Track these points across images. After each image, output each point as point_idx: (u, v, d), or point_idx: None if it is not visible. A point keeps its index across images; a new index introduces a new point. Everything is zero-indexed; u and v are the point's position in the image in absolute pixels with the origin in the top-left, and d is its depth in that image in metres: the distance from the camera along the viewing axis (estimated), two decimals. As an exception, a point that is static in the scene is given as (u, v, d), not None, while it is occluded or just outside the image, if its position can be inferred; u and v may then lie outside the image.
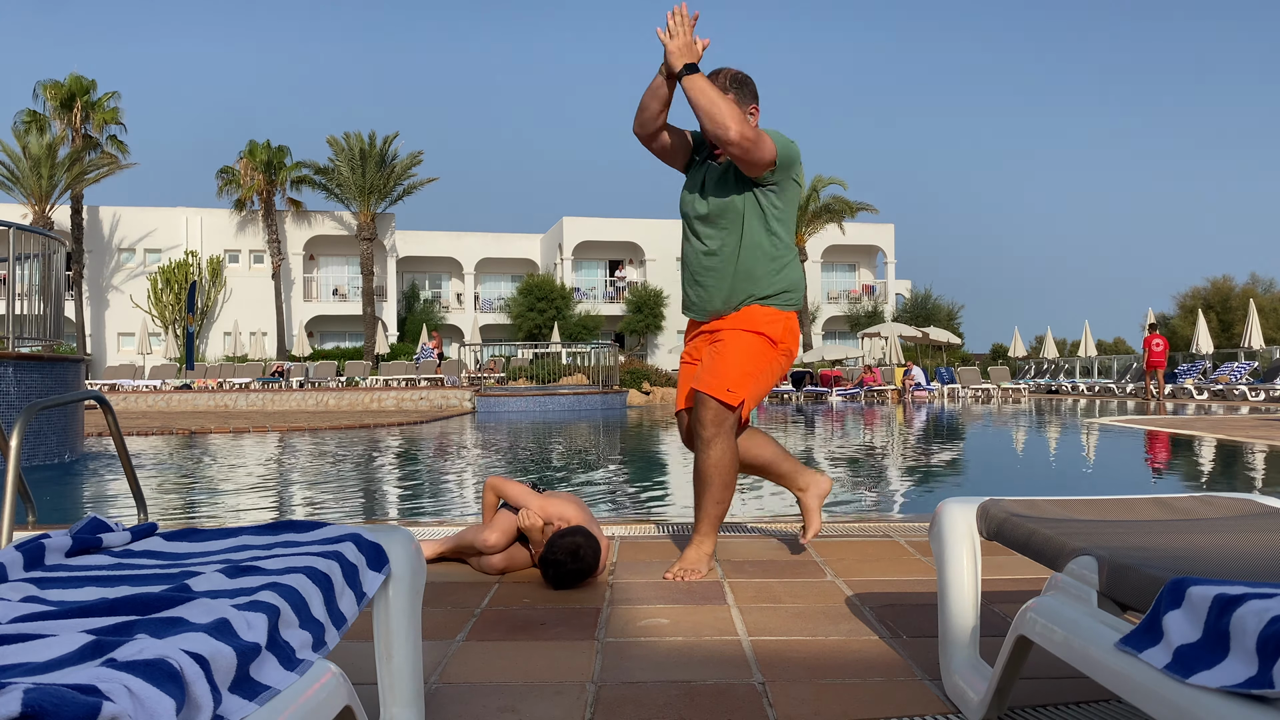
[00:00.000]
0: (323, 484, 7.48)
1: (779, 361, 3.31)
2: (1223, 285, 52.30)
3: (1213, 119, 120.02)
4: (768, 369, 3.27)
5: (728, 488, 3.23)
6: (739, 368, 3.20)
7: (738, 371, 3.19)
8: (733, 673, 2.18)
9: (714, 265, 3.29)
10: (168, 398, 23.40)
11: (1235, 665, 1.11)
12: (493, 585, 3.12)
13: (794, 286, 3.32)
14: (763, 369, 3.25)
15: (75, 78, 36.16)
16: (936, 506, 2.05)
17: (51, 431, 9.12)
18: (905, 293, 48.82)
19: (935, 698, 2.02)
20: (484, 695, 2.06)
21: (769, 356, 3.26)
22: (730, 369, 3.19)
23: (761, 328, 3.25)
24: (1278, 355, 25.02)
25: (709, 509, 3.24)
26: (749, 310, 3.27)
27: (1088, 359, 32.11)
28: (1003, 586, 2.98)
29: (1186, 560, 1.51)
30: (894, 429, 14.14)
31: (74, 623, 1.10)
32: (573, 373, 25.36)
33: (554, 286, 42.42)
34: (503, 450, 10.72)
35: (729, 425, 3.19)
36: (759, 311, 3.27)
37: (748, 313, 3.27)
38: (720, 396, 3.15)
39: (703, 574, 3.17)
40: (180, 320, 38.04)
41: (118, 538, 1.60)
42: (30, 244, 9.71)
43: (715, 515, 3.26)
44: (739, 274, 3.25)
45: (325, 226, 42.33)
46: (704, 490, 3.23)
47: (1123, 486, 7.06)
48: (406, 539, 1.64)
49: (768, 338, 3.25)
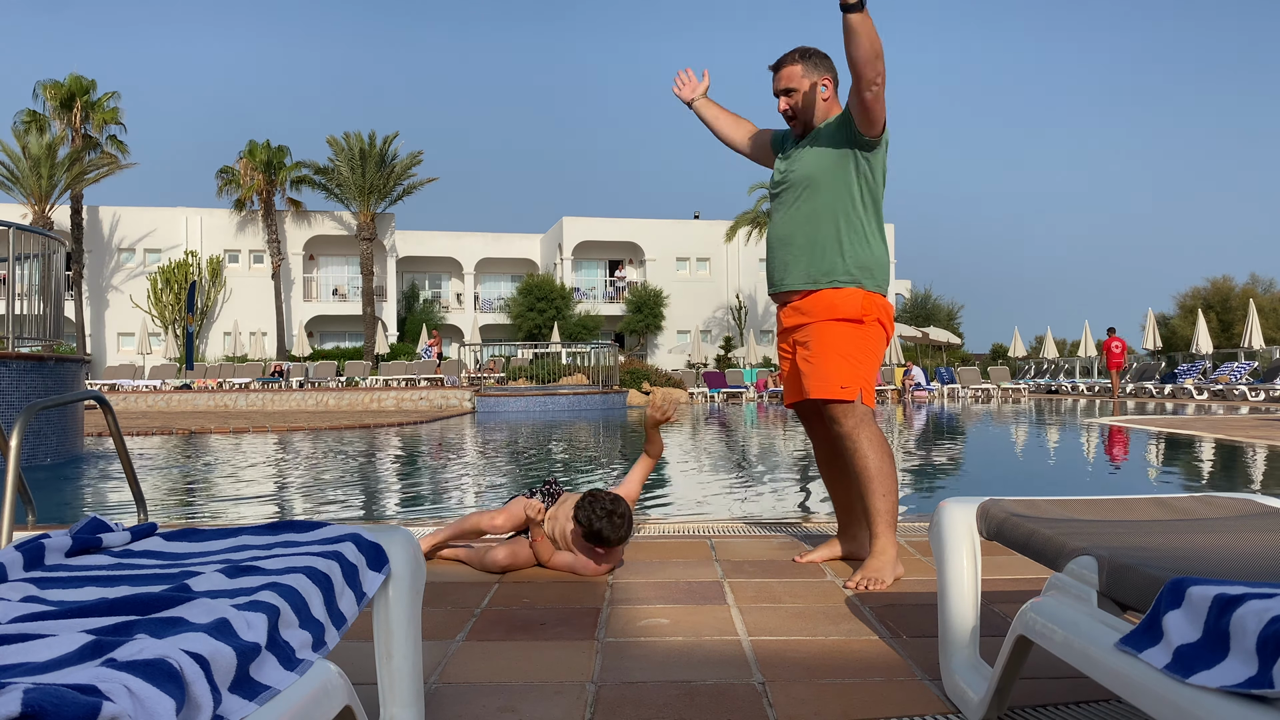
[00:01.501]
0: (323, 484, 7.47)
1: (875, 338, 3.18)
2: (1223, 285, 52.29)
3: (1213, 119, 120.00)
4: (866, 349, 3.16)
5: (889, 477, 3.09)
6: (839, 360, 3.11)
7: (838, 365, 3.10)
8: (733, 673, 2.18)
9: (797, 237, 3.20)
10: (168, 398, 23.39)
11: (1235, 665, 1.11)
12: (493, 585, 3.12)
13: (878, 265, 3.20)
14: (863, 350, 3.14)
15: (75, 78, 36.15)
16: (936, 506, 2.05)
17: (51, 431, 9.12)
18: (905, 293, 48.81)
19: (935, 698, 2.02)
20: (484, 695, 2.06)
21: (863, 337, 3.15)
22: (831, 366, 3.10)
23: (843, 314, 3.14)
24: (1278, 355, 25.02)
25: (877, 507, 3.09)
26: (827, 295, 3.16)
27: (1088, 359, 32.11)
28: (1003, 586, 2.98)
29: (1186, 560, 1.51)
30: (894, 429, 14.13)
31: (74, 623, 1.10)
32: (573, 373, 25.36)
33: (554, 286, 42.40)
34: (502, 450, 10.71)
35: (862, 416, 3.10)
36: (837, 297, 3.15)
37: (828, 298, 3.16)
38: (837, 396, 3.08)
39: (888, 583, 3.00)
40: (180, 320, 38.02)
41: (118, 538, 1.60)
42: (30, 244, 9.71)
43: (885, 511, 3.09)
44: (819, 247, 3.15)
45: (325, 226, 42.32)
46: (866, 490, 3.10)
47: (1122, 486, 7.06)
48: (406, 539, 1.64)
49: (850, 321, 3.14)
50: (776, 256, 3.27)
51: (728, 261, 44.66)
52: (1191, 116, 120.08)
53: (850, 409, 3.09)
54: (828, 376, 3.10)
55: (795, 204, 3.21)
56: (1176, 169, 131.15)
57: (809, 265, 3.17)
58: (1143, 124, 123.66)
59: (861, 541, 3.33)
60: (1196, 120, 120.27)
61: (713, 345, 43.98)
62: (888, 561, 3.05)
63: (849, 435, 3.09)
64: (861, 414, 3.10)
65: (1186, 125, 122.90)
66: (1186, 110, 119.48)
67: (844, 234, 3.15)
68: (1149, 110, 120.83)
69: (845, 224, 3.15)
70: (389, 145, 39.22)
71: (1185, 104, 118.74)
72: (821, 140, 3.19)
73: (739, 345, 41.96)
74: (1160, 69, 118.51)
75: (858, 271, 3.15)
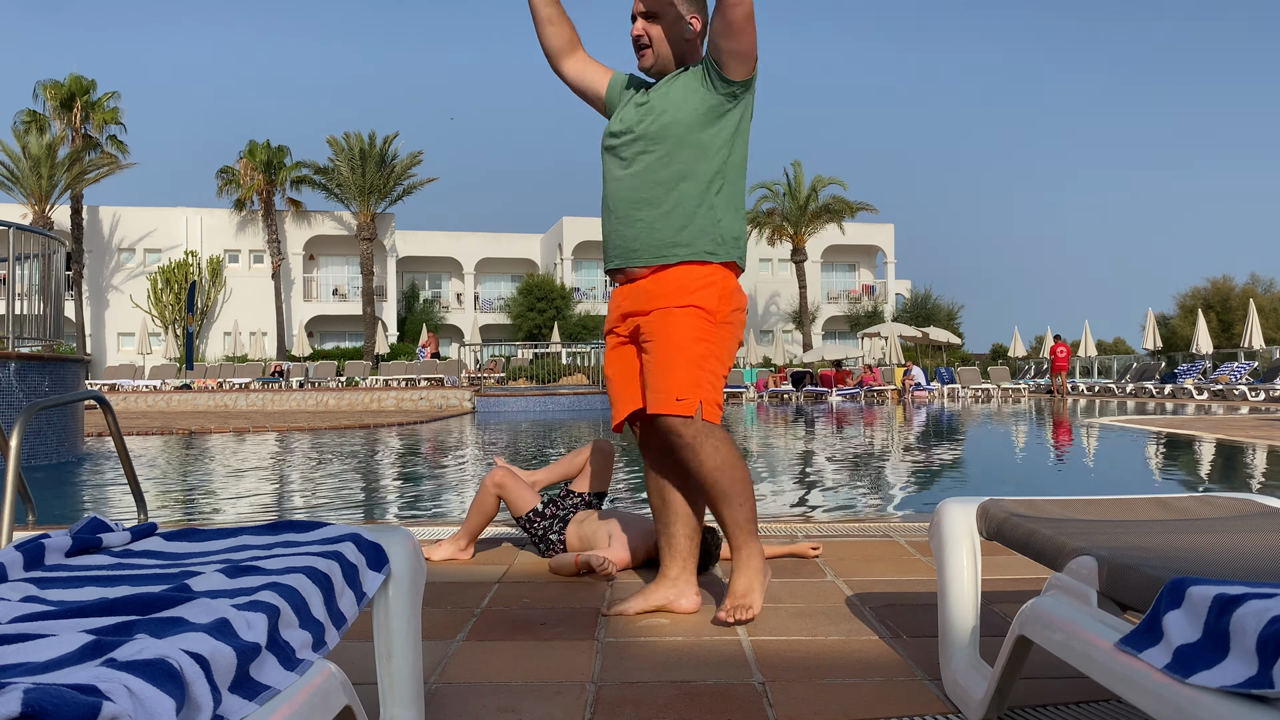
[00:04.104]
0: (323, 484, 7.47)
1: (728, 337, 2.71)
2: (1223, 285, 52.29)
3: (1213, 119, 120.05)
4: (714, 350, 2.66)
5: (742, 483, 2.63)
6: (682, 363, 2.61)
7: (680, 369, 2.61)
8: (733, 673, 2.18)
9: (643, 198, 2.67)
10: (168, 398, 23.39)
11: (1235, 665, 1.11)
12: (493, 585, 3.12)
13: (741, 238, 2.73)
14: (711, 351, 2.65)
15: (75, 78, 36.16)
16: (936, 506, 2.05)
17: (51, 431, 9.12)
18: (905, 293, 48.81)
19: (935, 698, 2.02)
20: (484, 695, 2.06)
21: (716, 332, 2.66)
22: (674, 371, 2.61)
23: (697, 299, 2.63)
24: (1278, 355, 25.02)
25: (735, 517, 2.65)
26: (679, 274, 2.66)
27: (1088, 359, 32.11)
28: (1003, 586, 2.98)
29: (1186, 560, 1.51)
30: (894, 429, 14.13)
31: (74, 623, 1.10)
32: (573, 373, 25.37)
33: (554, 286, 42.40)
34: (502, 451, 10.72)
35: (701, 425, 2.60)
36: (692, 276, 2.65)
37: (680, 277, 2.65)
38: (672, 411, 2.59)
39: (756, 609, 2.60)
40: (180, 320, 38.03)
41: (118, 538, 1.60)
42: (30, 244, 9.71)
43: (744, 520, 2.66)
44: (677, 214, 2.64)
45: (325, 226, 42.32)
46: (718, 501, 2.64)
47: (1123, 486, 7.06)
48: (406, 539, 1.64)
49: (701, 310, 2.63)
50: (620, 223, 2.71)
51: (728, 261, 44.61)
52: (1192, 116, 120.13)
53: (689, 423, 2.59)
54: (668, 387, 2.60)
55: (648, 161, 2.66)
56: (1177, 169, 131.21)
57: (664, 235, 2.65)
58: (1143, 124, 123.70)
59: (687, 582, 2.76)
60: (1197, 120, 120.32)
61: (713, 345, 43.93)
62: (755, 574, 2.64)
63: (689, 446, 2.59)
64: (709, 428, 2.61)
65: (1187, 125, 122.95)
66: (1187, 110, 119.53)
67: (707, 200, 2.65)
68: (1149, 110, 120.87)
69: (709, 188, 2.65)
70: (389, 145, 39.23)
71: (1186, 104, 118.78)
72: (683, 87, 2.65)
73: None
74: (1161, 69, 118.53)
75: (719, 245, 2.66)
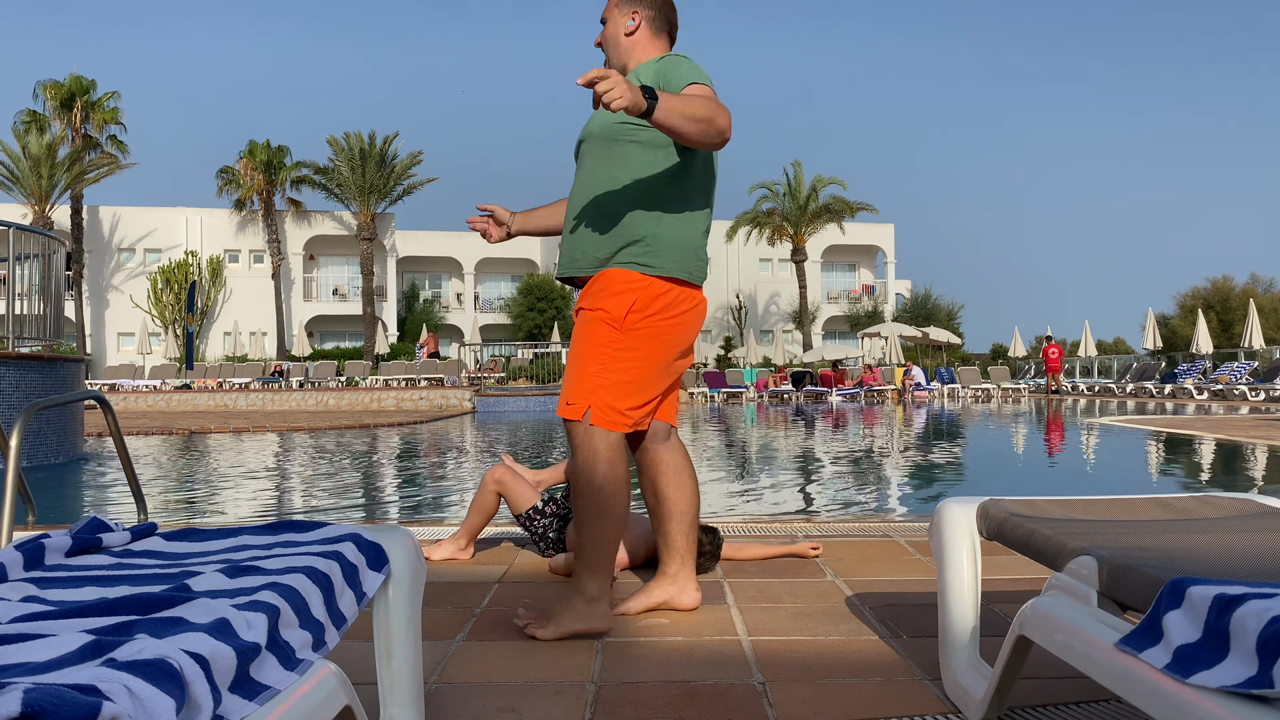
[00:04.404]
0: (323, 484, 7.47)
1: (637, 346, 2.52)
2: (1223, 285, 52.29)
3: (1213, 119, 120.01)
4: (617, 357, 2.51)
5: (598, 516, 2.48)
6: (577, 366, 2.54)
7: (576, 372, 2.53)
8: (733, 673, 2.18)
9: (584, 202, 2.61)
10: (168, 398, 23.39)
11: (1235, 665, 1.11)
12: (493, 585, 3.12)
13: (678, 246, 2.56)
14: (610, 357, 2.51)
15: (75, 78, 36.16)
16: (936, 506, 2.05)
17: (51, 431, 9.12)
18: (905, 293, 48.81)
19: (935, 698, 2.02)
20: (484, 695, 2.06)
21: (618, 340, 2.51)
22: (571, 373, 2.55)
23: (606, 305, 2.51)
24: (1278, 355, 25.02)
25: (578, 537, 2.54)
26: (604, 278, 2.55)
27: (1088, 359, 32.11)
28: (1003, 586, 2.98)
29: (1186, 560, 1.51)
30: (894, 429, 14.13)
31: (74, 622, 1.10)
32: (573, 373, 25.32)
33: (554, 286, 42.40)
34: (501, 451, 10.71)
35: (600, 439, 2.48)
36: (612, 281, 2.53)
37: (602, 281, 2.55)
38: (560, 414, 2.54)
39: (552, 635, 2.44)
40: (180, 320, 38.03)
41: (118, 538, 1.60)
42: (30, 244, 9.71)
43: (589, 554, 2.51)
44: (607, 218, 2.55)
45: (325, 226, 42.32)
46: (577, 521, 2.55)
47: (1123, 486, 7.06)
48: (406, 539, 1.64)
49: (607, 317, 2.50)
50: (568, 229, 2.66)
51: (727, 261, 44.66)
52: (1192, 116, 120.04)
53: (576, 427, 2.49)
54: (564, 390, 2.54)
55: (591, 165, 2.60)
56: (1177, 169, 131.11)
57: (597, 241, 2.56)
58: (1143, 124, 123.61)
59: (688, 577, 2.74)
60: (1197, 120, 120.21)
61: (713, 345, 44.00)
62: (570, 607, 2.48)
63: (574, 450, 2.50)
64: (597, 436, 2.47)
65: (1187, 125, 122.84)
66: (1187, 110, 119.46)
67: (642, 202, 2.53)
68: (1149, 110, 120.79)
69: (646, 190, 2.53)
70: (389, 145, 39.23)
71: (1186, 104, 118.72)
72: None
73: (739, 345, 41.97)
74: (1161, 69, 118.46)
75: (653, 256, 2.52)
